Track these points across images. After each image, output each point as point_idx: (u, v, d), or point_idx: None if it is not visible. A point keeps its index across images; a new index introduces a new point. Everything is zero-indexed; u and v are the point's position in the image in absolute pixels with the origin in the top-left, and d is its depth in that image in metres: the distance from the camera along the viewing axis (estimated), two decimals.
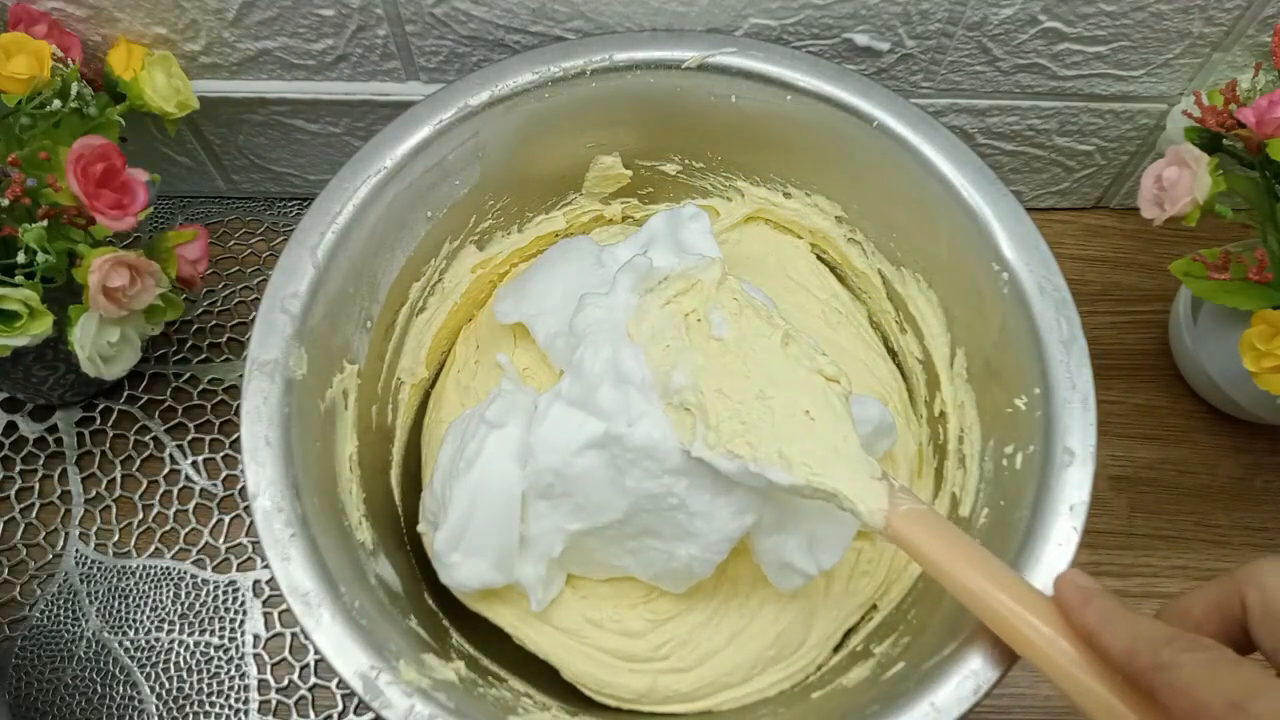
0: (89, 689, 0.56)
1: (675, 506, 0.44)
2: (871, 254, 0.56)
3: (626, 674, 0.48)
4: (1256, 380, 0.50)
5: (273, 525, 0.41)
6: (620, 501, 0.44)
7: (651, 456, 0.43)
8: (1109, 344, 0.65)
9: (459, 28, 0.56)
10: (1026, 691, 0.56)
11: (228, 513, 0.61)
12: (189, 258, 0.56)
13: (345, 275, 0.48)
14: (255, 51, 0.58)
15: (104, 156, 0.50)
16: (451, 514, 0.46)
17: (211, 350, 0.65)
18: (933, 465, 0.53)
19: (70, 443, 0.62)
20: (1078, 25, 0.56)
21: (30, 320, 0.49)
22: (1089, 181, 0.68)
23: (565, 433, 0.44)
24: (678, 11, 0.54)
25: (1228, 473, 0.61)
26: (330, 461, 0.47)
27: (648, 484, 0.43)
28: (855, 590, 0.50)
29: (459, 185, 0.53)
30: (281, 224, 0.70)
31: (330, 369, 0.48)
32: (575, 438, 0.44)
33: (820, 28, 0.56)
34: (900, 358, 0.57)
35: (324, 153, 0.66)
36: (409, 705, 0.38)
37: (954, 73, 0.59)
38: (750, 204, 0.59)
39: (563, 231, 0.60)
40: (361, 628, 0.40)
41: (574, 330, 0.46)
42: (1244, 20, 0.55)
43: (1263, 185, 0.52)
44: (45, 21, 0.54)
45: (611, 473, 0.44)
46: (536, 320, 0.52)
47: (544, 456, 0.44)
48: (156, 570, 0.59)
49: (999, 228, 0.48)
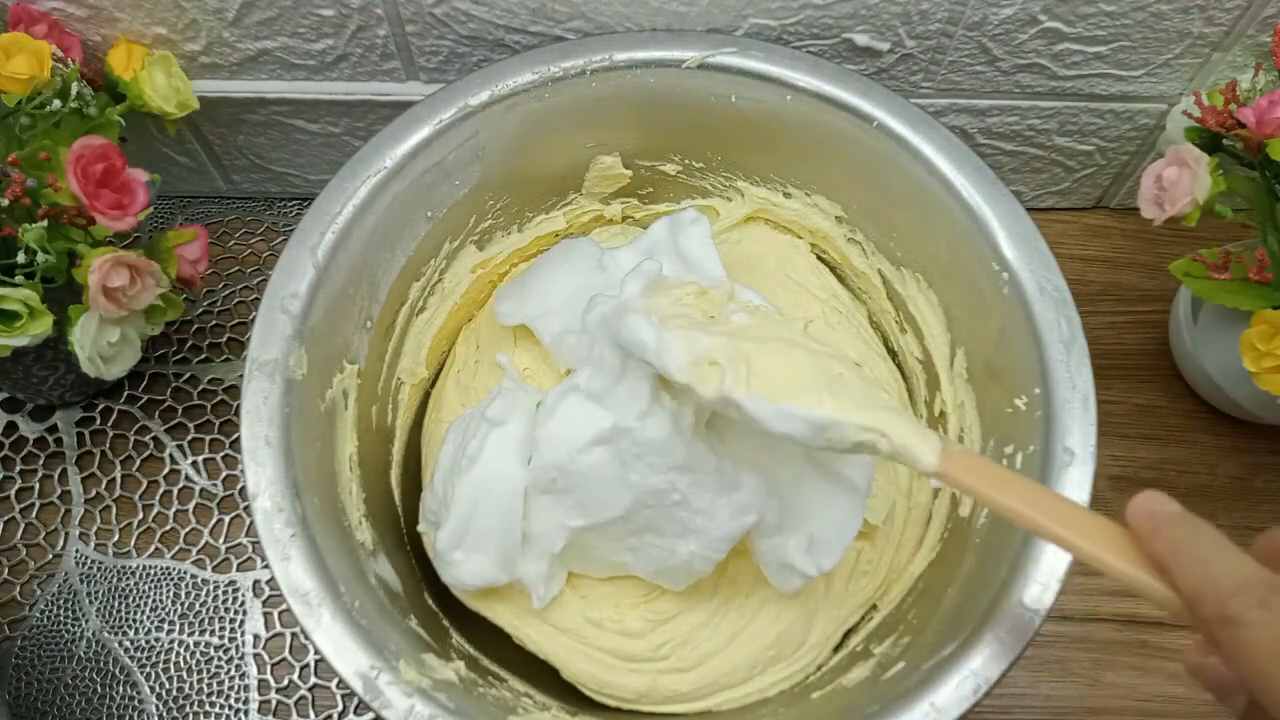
0: (89, 689, 0.56)
1: (677, 503, 0.44)
2: (871, 254, 0.56)
3: (626, 674, 0.48)
4: (1256, 380, 0.50)
5: (273, 525, 0.41)
6: (623, 498, 0.44)
7: (658, 451, 0.43)
8: (1109, 344, 0.65)
9: (459, 28, 0.56)
10: (1026, 691, 0.56)
11: (228, 513, 0.61)
12: (189, 258, 0.56)
13: (345, 275, 0.48)
14: (255, 51, 0.58)
15: (104, 156, 0.50)
16: (453, 512, 0.46)
17: (211, 350, 0.65)
18: None
19: (70, 443, 0.62)
20: (1078, 25, 0.56)
21: (30, 320, 0.49)
22: (1089, 181, 0.68)
23: (573, 428, 0.44)
24: (678, 11, 0.54)
25: (1228, 473, 0.61)
26: (330, 461, 0.47)
27: (652, 479, 0.43)
28: (855, 590, 0.50)
29: (459, 185, 0.53)
30: (281, 224, 0.70)
31: (330, 369, 0.48)
32: (582, 433, 0.44)
33: (820, 28, 0.56)
34: (900, 358, 0.57)
35: (324, 153, 0.66)
36: (409, 705, 0.38)
37: (954, 73, 0.59)
38: (750, 204, 0.59)
39: (563, 231, 0.60)
40: (361, 628, 0.40)
41: (587, 328, 0.46)
42: (1244, 20, 0.55)
43: (1263, 185, 0.52)
44: (45, 21, 0.54)
45: (616, 468, 0.44)
46: (540, 321, 0.52)
47: (549, 451, 0.45)
48: (156, 570, 0.59)
49: (999, 228, 0.48)
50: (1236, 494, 0.61)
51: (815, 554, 0.45)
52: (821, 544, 0.45)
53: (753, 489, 0.44)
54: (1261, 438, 0.62)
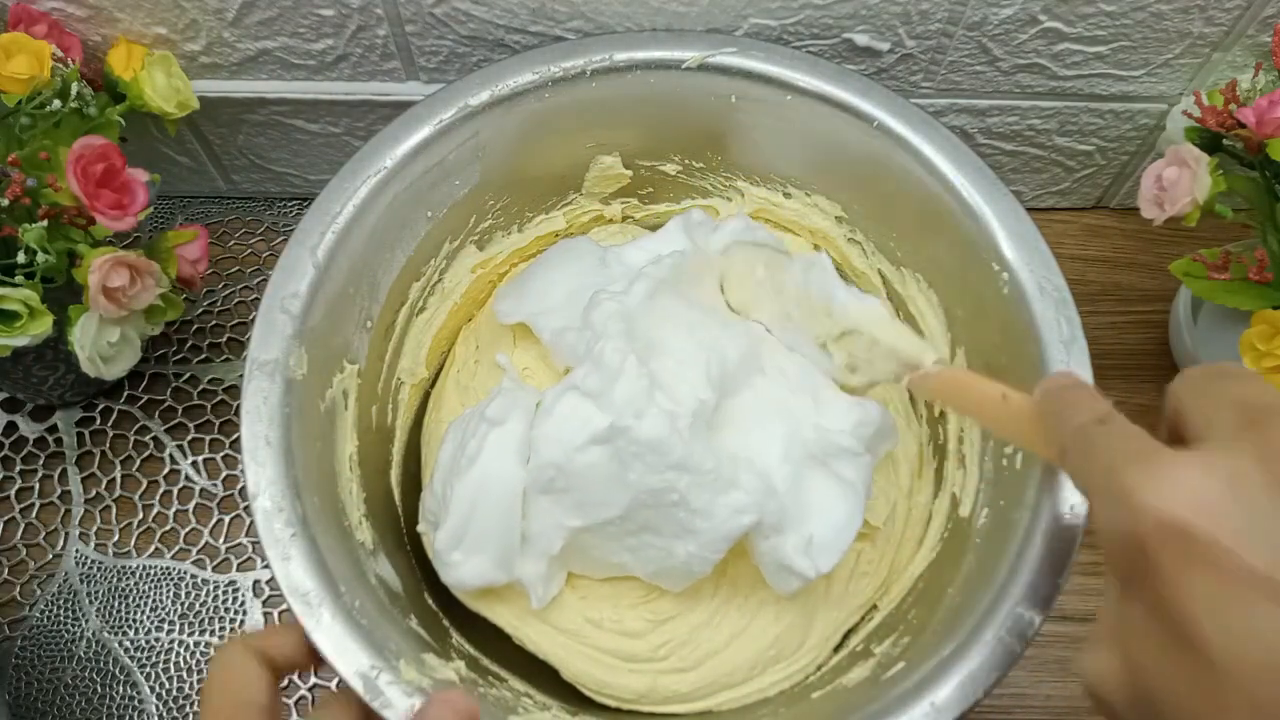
0: (89, 689, 0.56)
1: (676, 503, 0.44)
2: (871, 254, 0.56)
3: (626, 674, 0.48)
4: None
5: (273, 525, 0.41)
6: (621, 497, 0.44)
7: (656, 450, 0.43)
8: (1109, 344, 0.65)
9: (459, 28, 0.56)
10: (1027, 691, 0.56)
11: (228, 513, 0.61)
12: (189, 258, 0.56)
13: (345, 275, 0.48)
14: (255, 51, 0.58)
15: (104, 156, 0.50)
16: (452, 512, 0.46)
17: (211, 350, 0.65)
18: (933, 465, 0.53)
19: (70, 443, 0.62)
20: (1078, 25, 0.56)
21: (30, 320, 0.49)
22: (1089, 181, 0.68)
23: (570, 427, 0.44)
24: (678, 11, 0.54)
25: None
26: (330, 461, 0.47)
27: (650, 479, 0.43)
28: (855, 591, 0.50)
29: (459, 185, 0.53)
30: (281, 224, 0.70)
31: (330, 369, 0.48)
32: (580, 432, 0.44)
33: (820, 28, 0.56)
34: None
35: (324, 153, 0.66)
36: (409, 705, 0.38)
37: (954, 73, 0.59)
38: (750, 204, 0.59)
39: (563, 231, 0.60)
40: (361, 627, 0.40)
41: (588, 324, 0.46)
42: (1244, 20, 0.55)
43: (1263, 185, 0.52)
44: (45, 21, 0.54)
45: (614, 468, 0.44)
46: (540, 318, 0.52)
47: (547, 451, 0.45)
48: (156, 570, 0.59)
49: (999, 228, 0.48)
50: None
51: (814, 555, 0.45)
52: (820, 545, 0.45)
53: (751, 489, 0.44)
54: None
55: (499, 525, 0.46)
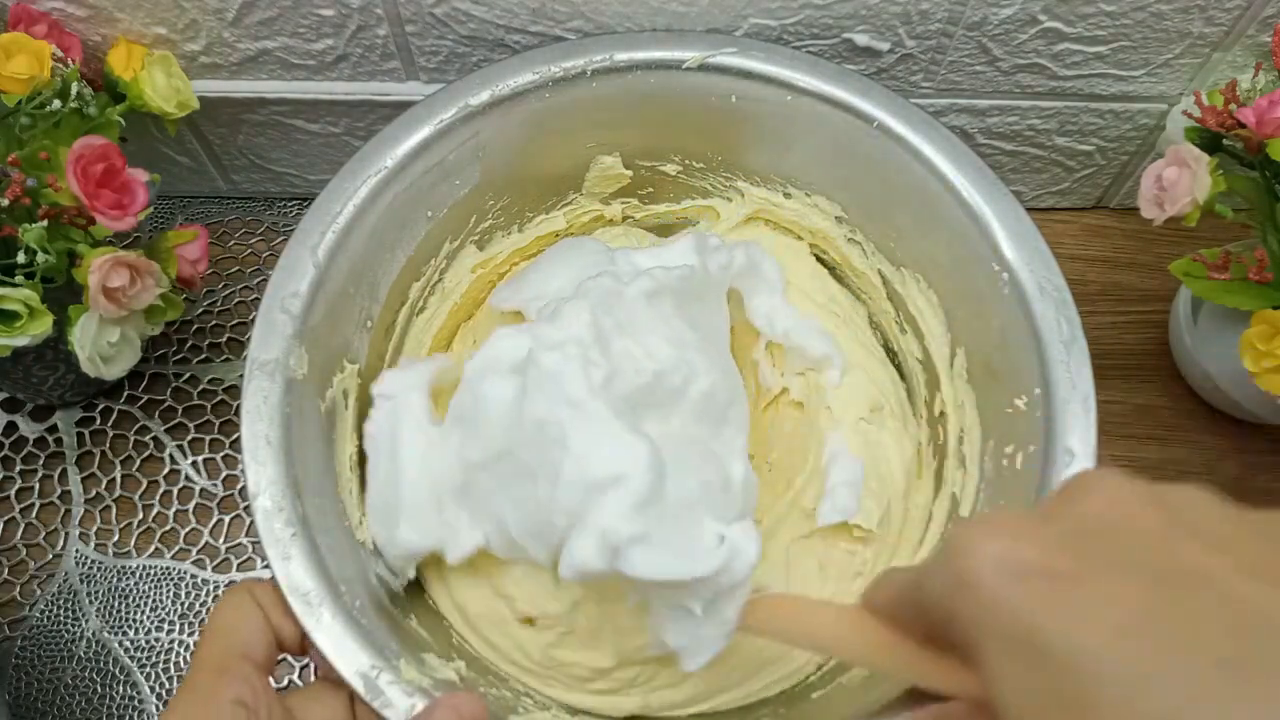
0: (89, 689, 0.56)
1: (555, 439, 0.40)
2: (871, 254, 0.56)
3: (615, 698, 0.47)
4: (1256, 380, 0.50)
5: (273, 525, 0.41)
6: (512, 429, 0.42)
7: (557, 381, 0.40)
8: (1109, 344, 0.65)
9: (459, 28, 0.56)
10: None
11: (228, 513, 0.61)
12: (189, 258, 0.56)
13: (345, 275, 0.48)
14: (255, 51, 0.58)
15: (104, 156, 0.50)
16: (371, 497, 0.47)
17: (211, 350, 0.66)
18: (932, 466, 0.53)
19: (70, 443, 0.62)
20: (1078, 25, 0.56)
21: (30, 320, 0.49)
22: (1089, 181, 0.68)
23: (495, 353, 0.44)
24: (678, 11, 0.54)
25: (1228, 473, 0.61)
26: (331, 461, 0.47)
27: (540, 408, 0.40)
28: (855, 591, 0.50)
29: (459, 185, 0.53)
30: (281, 224, 0.70)
31: (330, 368, 0.48)
32: (503, 360, 0.43)
33: (820, 28, 0.56)
34: (900, 358, 0.57)
35: (324, 153, 0.66)
36: (410, 705, 0.38)
37: (954, 73, 0.59)
38: (750, 204, 0.59)
39: (563, 231, 0.60)
40: (362, 627, 0.40)
41: (582, 293, 0.45)
42: (1244, 20, 0.55)
43: (1263, 185, 0.52)
44: (45, 21, 0.54)
45: (516, 397, 0.42)
46: (533, 303, 0.51)
47: (467, 375, 0.44)
48: (156, 570, 0.59)
49: (999, 228, 0.48)
50: (1236, 494, 0.59)
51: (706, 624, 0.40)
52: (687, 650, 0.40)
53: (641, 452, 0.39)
54: (1261, 438, 0.62)
55: (409, 489, 0.46)
